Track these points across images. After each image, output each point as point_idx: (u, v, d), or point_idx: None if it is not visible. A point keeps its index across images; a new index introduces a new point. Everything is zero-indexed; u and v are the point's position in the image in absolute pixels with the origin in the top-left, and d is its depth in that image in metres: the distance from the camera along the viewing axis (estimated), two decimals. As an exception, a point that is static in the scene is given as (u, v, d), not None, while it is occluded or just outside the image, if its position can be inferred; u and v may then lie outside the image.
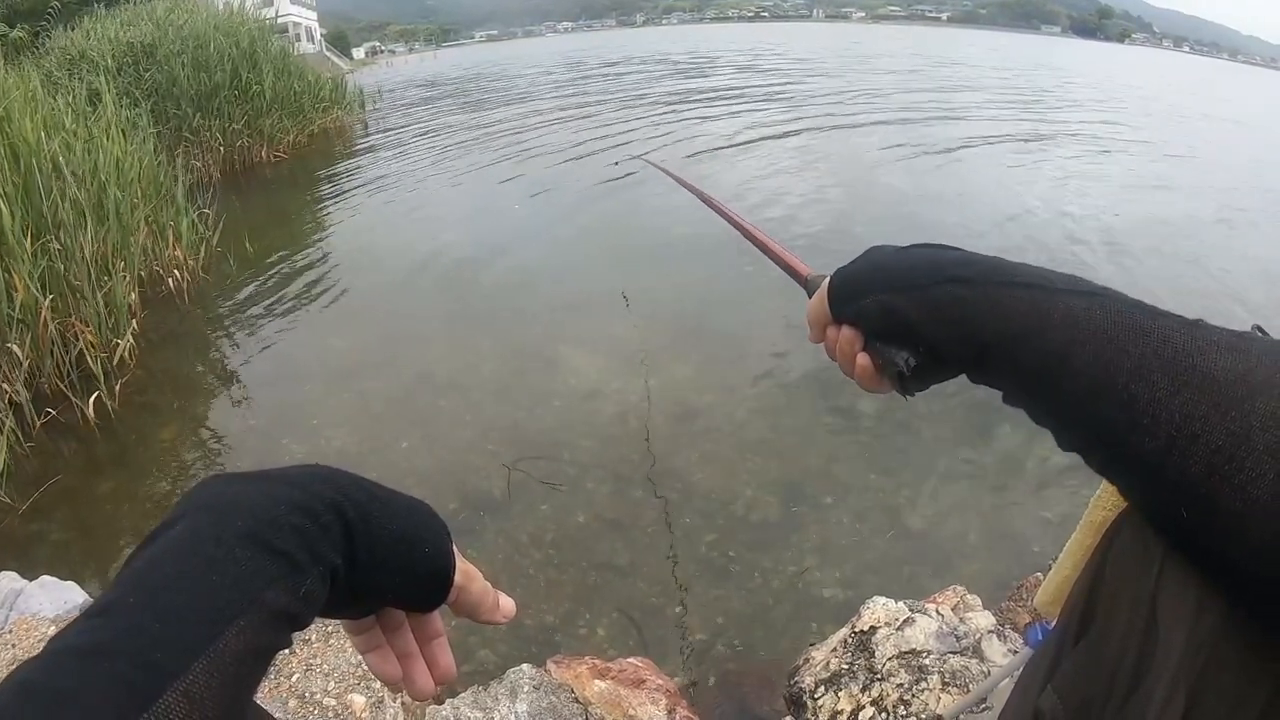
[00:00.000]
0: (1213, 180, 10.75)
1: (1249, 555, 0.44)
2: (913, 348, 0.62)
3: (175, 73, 10.88)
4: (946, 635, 1.99)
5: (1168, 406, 0.47)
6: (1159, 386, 0.47)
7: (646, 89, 21.82)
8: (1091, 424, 0.51)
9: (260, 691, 0.97)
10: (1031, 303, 0.54)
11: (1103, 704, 0.55)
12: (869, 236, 0.70)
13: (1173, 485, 0.47)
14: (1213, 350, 0.47)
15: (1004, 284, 0.56)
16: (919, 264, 0.62)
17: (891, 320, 0.62)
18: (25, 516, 3.57)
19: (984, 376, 0.59)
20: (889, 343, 0.64)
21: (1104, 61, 54.61)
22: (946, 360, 0.60)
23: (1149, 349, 0.49)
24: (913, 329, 0.61)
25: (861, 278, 0.66)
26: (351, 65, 45.25)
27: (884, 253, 0.66)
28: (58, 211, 4.81)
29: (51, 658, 0.36)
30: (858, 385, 0.69)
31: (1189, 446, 0.45)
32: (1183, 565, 0.51)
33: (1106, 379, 0.49)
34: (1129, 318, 0.51)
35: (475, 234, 8.12)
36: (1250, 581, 0.45)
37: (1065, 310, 0.53)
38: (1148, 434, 0.47)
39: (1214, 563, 0.48)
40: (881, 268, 0.65)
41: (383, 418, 4.43)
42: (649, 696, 2.05)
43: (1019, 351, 0.54)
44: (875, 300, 0.64)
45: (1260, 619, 0.47)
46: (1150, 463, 0.48)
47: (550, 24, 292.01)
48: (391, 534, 0.49)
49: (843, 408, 4.36)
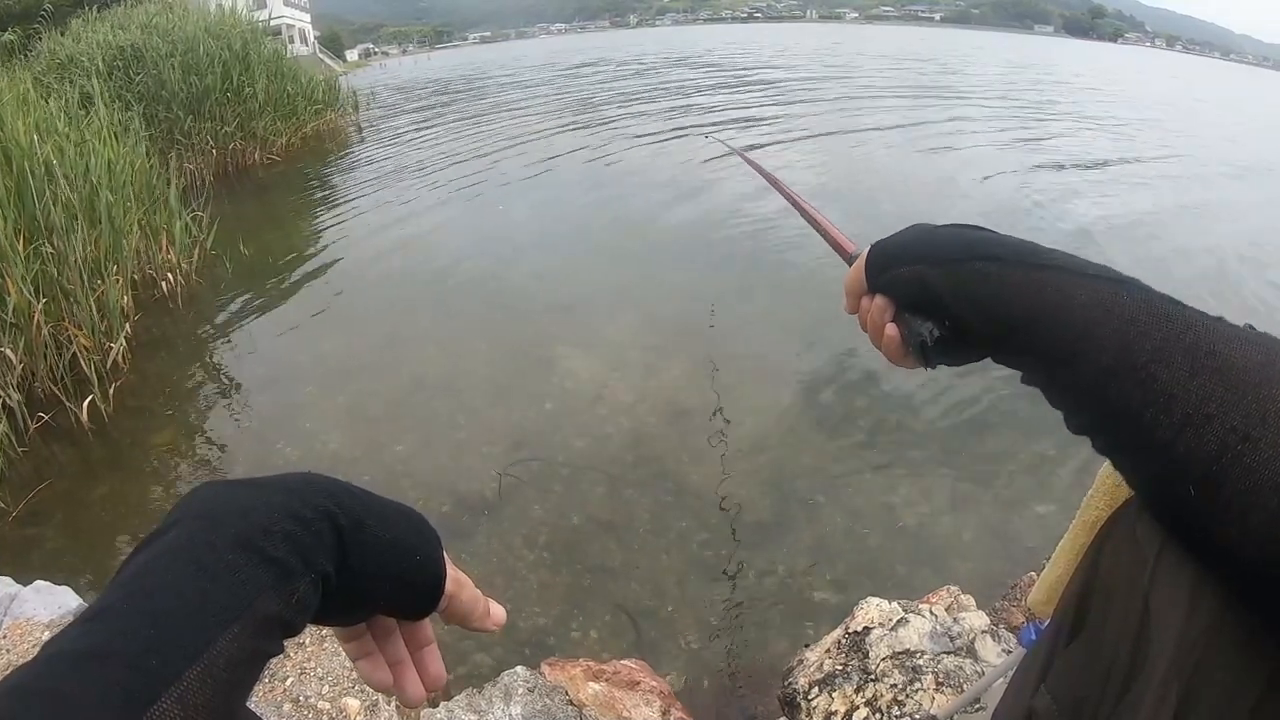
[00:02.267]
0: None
1: (1249, 539, 0.44)
2: (938, 320, 0.64)
3: (164, 76, 10.85)
4: (940, 635, 2.00)
5: (1186, 387, 0.47)
6: (1179, 368, 0.48)
7: (643, 89, 21.84)
8: (1107, 401, 0.51)
9: (255, 695, 0.97)
10: (1059, 284, 0.55)
11: (1096, 703, 0.56)
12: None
13: (1182, 463, 0.47)
14: (1235, 341, 0.48)
15: (1034, 265, 0.57)
16: (954, 240, 0.63)
17: (922, 291, 0.64)
18: (19, 521, 3.56)
19: (1006, 354, 0.60)
20: (917, 314, 0.65)
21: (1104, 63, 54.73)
22: (971, 335, 0.61)
23: (1171, 333, 0.50)
24: (941, 302, 0.62)
25: (898, 249, 0.68)
26: (345, 67, 45.22)
27: (923, 229, 0.68)
28: (50, 215, 4.81)
29: (47, 662, 0.36)
30: (885, 358, 0.71)
31: (1204, 426, 0.46)
32: (1176, 564, 0.52)
33: (1127, 358, 0.50)
34: (1153, 305, 0.52)
35: (469, 236, 8.12)
36: (1247, 567, 0.46)
37: (1091, 292, 0.54)
38: (1163, 411, 0.48)
39: (1213, 547, 0.48)
40: (918, 241, 0.66)
41: (376, 421, 4.43)
42: (643, 698, 2.05)
43: (1043, 329, 0.55)
44: (908, 271, 0.65)
45: (1254, 609, 0.47)
46: (1162, 440, 0.48)
47: (543, 25, 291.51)
48: (383, 542, 0.50)
49: (836, 408, 4.37)
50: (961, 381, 4.50)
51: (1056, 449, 3.84)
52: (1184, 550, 0.52)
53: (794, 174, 9.86)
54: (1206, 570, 0.50)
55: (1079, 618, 0.60)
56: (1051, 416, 0.59)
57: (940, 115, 15.56)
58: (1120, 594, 0.56)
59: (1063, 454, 3.80)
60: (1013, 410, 4.19)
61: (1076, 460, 3.70)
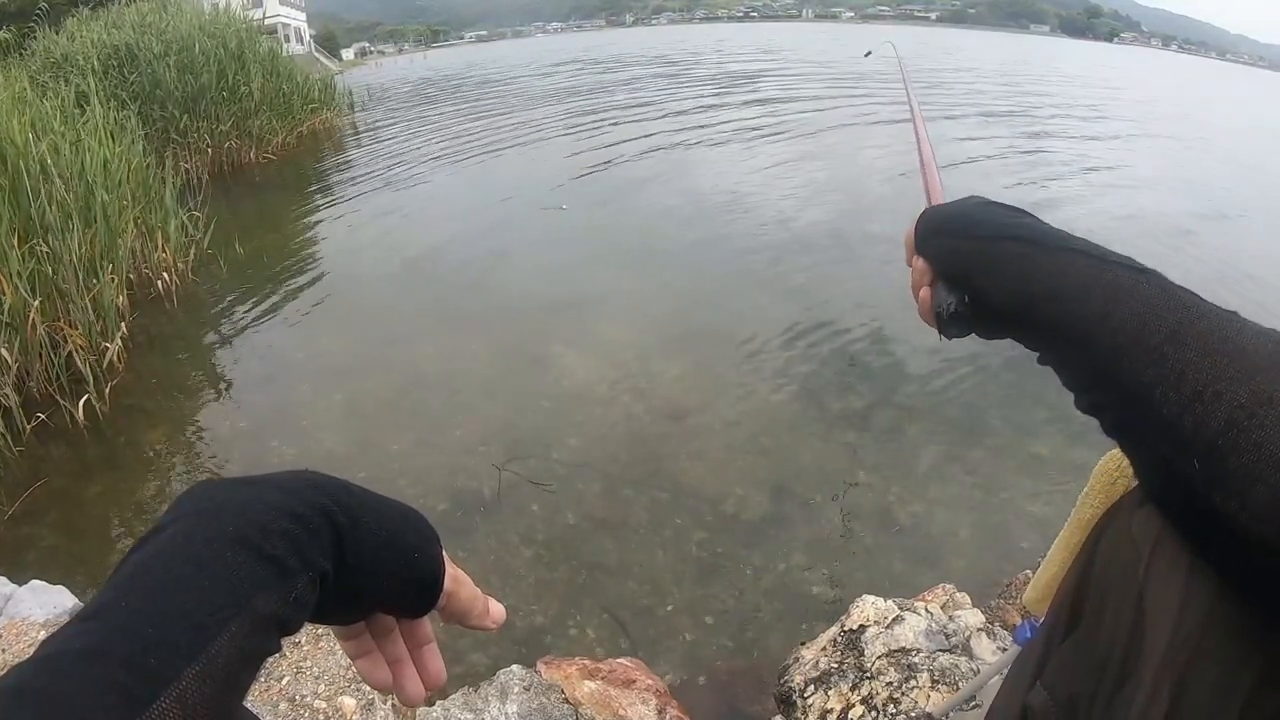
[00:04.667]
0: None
1: (1251, 516, 0.45)
2: (960, 295, 0.66)
3: (159, 75, 10.83)
4: (936, 633, 2.00)
5: (1196, 366, 0.48)
6: (1190, 349, 0.49)
7: (639, 90, 21.84)
8: (1119, 378, 0.52)
9: (251, 694, 0.97)
10: (1082, 267, 0.57)
11: (1091, 699, 0.56)
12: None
13: (1189, 438, 0.48)
14: (1247, 331, 0.49)
15: (1061, 249, 0.59)
16: (991, 219, 0.66)
17: (952, 262, 0.67)
18: (15, 520, 3.56)
19: (1024, 330, 0.61)
20: (947, 285, 0.68)
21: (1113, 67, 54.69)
22: (993, 311, 0.63)
23: (1186, 319, 0.51)
24: (968, 275, 0.65)
25: (941, 219, 0.71)
26: (341, 66, 45.09)
27: (971, 203, 0.70)
28: (46, 214, 4.79)
29: (44, 661, 0.36)
30: (919, 315, 0.73)
31: (1213, 402, 0.47)
32: (1170, 561, 0.52)
33: (1141, 337, 0.51)
34: (1171, 293, 0.53)
35: (465, 234, 8.11)
36: (1247, 546, 0.46)
37: (1113, 278, 0.55)
38: (1173, 388, 0.49)
39: (1214, 528, 0.48)
40: (960, 215, 0.69)
41: (373, 419, 4.43)
42: (639, 696, 2.05)
43: (1063, 307, 0.56)
44: (945, 242, 0.69)
45: (1253, 598, 0.48)
46: (1170, 415, 0.49)
47: (540, 24, 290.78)
48: (381, 540, 0.50)
49: (832, 406, 4.38)
50: (958, 381, 4.52)
51: (1051, 448, 3.85)
52: (1179, 546, 0.52)
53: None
54: (1201, 565, 0.50)
55: (1074, 615, 0.61)
56: (1049, 417, 0.59)
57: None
58: (1115, 591, 0.56)
59: (1058, 453, 3.81)
60: (1009, 410, 4.20)
61: (1071, 459, 3.71)
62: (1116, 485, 0.78)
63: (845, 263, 6.66)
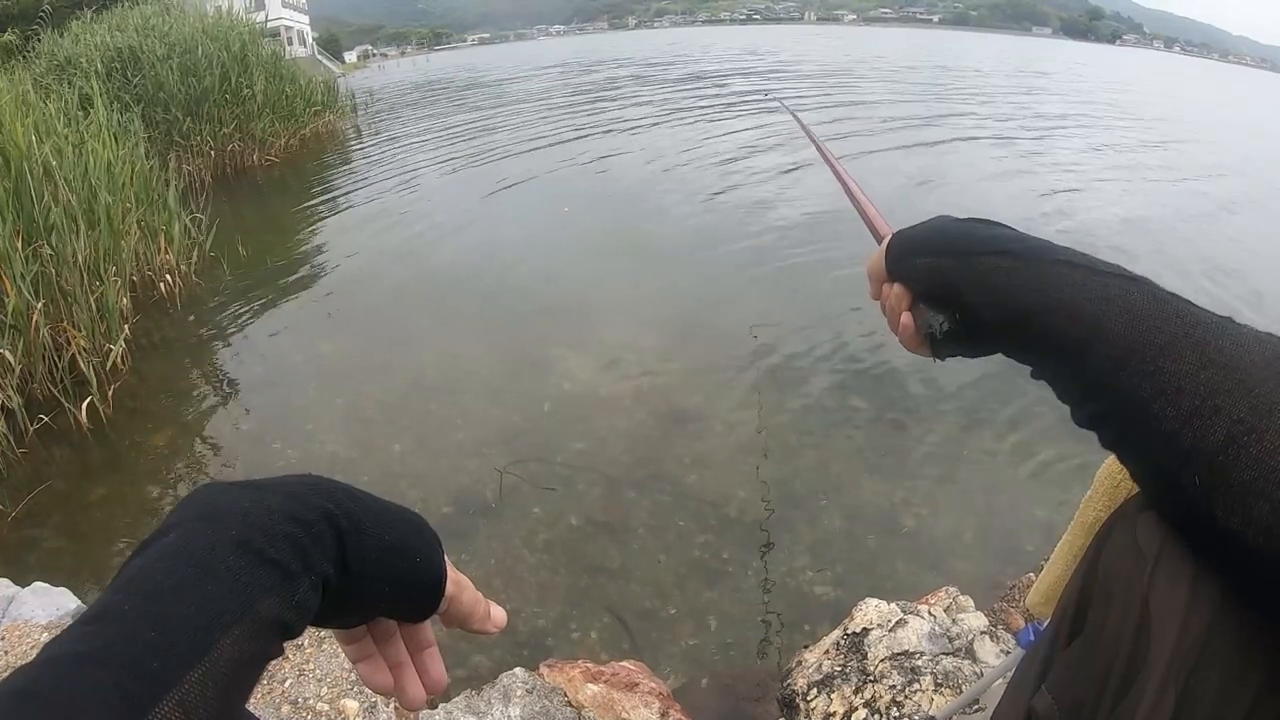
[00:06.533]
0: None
1: (1256, 531, 0.45)
2: (950, 313, 0.65)
3: (162, 78, 10.84)
4: (939, 636, 2.00)
5: (1194, 379, 0.48)
6: (1187, 361, 0.49)
7: (637, 92, 21.86)
8: (1116, 393, 0.52)
9: (254, 697, 0.97)
10: (1072, 278, 0.56)
11: (1095, 704, 0.56)
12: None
13: (1188, 453, 0.48)
14: (1242, 339, 0.49)
15: (1048, 260, 0.59)
16: (971, 234, 0.65)
17: (936, 282, 0.66)
18: (18, 522, 3.56)
19: (1016, 346, 0.61)
20: (931, 305, 0.67)
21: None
22: (984, 327, 0.62)
23: (1180, 329, 0.50)
24: (955, 293, 0.63)
25: (917, 239, 0.69)
26: (343, 69, 45.13)
27: (944, 221, 0.69)
28: (49, 216, 4.80)
29: (47, 664, 0.36)
30: (902, 345, 0.73)
31: (1211, 417, 0.47)
32: (1175, 565, 0.52)
33: (1136, 351, 0.51)
34: (1163, 302, 0.53)
35: (467, 237, 8.12)
36: (1249, 559, 0.46)
37: (1103, 288, 0.55)
38: (1171, 403, 0.49)
39: (1215, 541, 0.48)
40: (937, 233, 0.68)
41: (375, 422, 4.43)
42: (642, 700, 2.05)
43: (1055, 321, 0.56)
44: (925, 262, 0.67)
45: (1255, 607, 0.48)
46: (1168, 430, 0.49)
47: (542, 27, 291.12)
48: (383, 544, 0.50)
49: (835, 409, 4.38)
50: (960, 383, 4.51)
51: (1055, 451, 3.84)
52: (1184, 551, 0.52)
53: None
54: (1206, 570, 0.50)
55: (1078, 619, 0.61)
56: (1049, 419, 0.59)
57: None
58: (1119, 595, 0.56)
59: (1061, 456, 3.80)
60: (1011, 413, 4.19)
61: (1075, 462, 3.70)
62: (1120, 488, 0.78)
63: (847, 264, 6.66)
